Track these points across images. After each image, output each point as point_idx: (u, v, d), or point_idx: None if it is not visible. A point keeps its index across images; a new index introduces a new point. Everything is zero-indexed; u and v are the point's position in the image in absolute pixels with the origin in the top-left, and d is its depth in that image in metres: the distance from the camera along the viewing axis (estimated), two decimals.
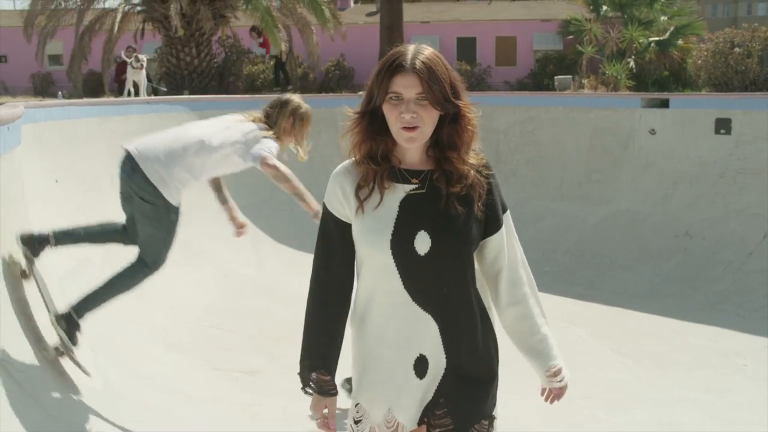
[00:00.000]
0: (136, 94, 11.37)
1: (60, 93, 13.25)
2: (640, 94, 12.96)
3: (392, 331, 2.12)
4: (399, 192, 2.11)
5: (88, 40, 14.86)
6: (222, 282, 9.14)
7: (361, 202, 2.11)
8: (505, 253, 2.19)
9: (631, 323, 7.83)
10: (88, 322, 4.63)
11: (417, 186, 2.10)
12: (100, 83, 22.22)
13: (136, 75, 11.66)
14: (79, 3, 14.85)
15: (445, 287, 2.09)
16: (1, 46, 26.17)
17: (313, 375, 2.19)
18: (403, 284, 2.07)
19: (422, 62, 2.01)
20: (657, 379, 6.25)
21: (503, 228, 2.18)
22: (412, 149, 2.11)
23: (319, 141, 11.94)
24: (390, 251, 2.05)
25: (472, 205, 2.09)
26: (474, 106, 2.13)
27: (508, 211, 2.23)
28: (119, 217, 4.78)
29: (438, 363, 2.13)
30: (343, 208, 2.16)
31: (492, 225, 2.16)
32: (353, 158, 2.17)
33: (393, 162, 2.13)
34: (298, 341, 6.67)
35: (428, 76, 2.00)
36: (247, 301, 8.69)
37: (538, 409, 1.60)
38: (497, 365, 2.25)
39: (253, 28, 16.03)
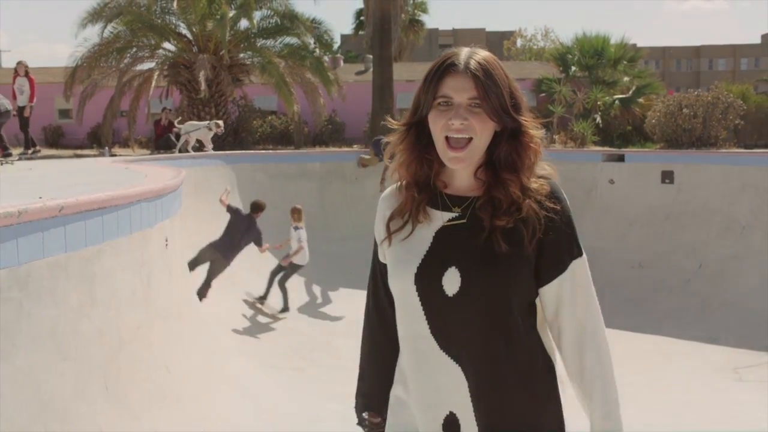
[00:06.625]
0: (177, 148, 13.25)
1: (106, 148, 15.13)
2: (601, 150, 15.17)
3: (418, 383, 1.78)
4: (437, 221, 1.77)
5: (118, 100, 16.81)
6: (256, 306, 10.92)
7: (389, 234, 1.81)
8: (566, 309, 1.73)
9: None
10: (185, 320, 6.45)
11: (458, 215, 1.75)
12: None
13: (205, 134, 13.39)
14: (119, 65, 16.87)
15: (477, 336, 1.70)
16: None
17: (365, 415, 2.04)
18: (430, 328, 1.73)
19: (478, 63, 1.68)
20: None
21: (564, 275, 1.72)
22: (459, 170, 1.75)
23: (330, 190, 14.02)
24: (414, 287, 1.72)
25: (521, 243, 1.68)
26: (537, 122, 1.77)
27: (582, 258, 1.76)
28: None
29: (471, 426, 1.75)
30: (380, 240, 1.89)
31: (548, 271, 1.73)
32: (400, 182, 1.84)
33: (438, 186, 1.79)
34: (326, 349, 9.00)
35: (484, 78, 1.66)
36: (278, 321, 10.42)
37: None
38: None
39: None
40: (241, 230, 10.16)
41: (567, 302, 1.73)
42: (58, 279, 2.96)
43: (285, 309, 10.45)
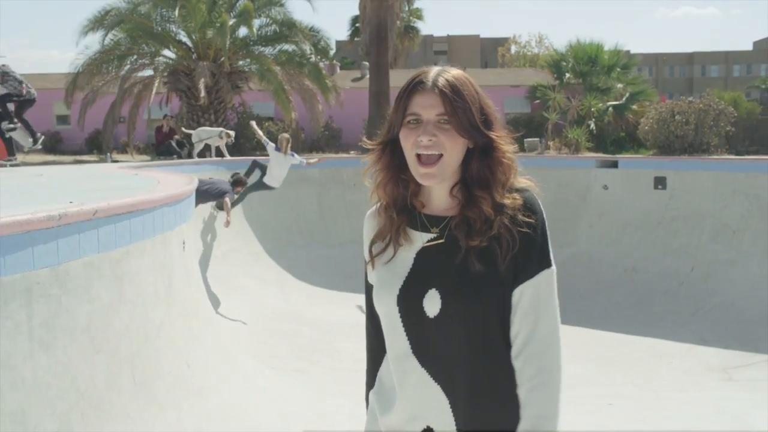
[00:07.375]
0: (189, 155, 13.56)
1: (108, 155, 15.36)
2: (595, 156, 15.46)
3: (401, 398, 1.80)
4: (417, 242, 1.79)
5: (119, 107, 17.03)
6: (258, 310, 11.12)
7: (372, 257, 1.85)
8: (519, 316, 1.71)
9: (590, 337, 9.94)
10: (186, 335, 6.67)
11: (436, 236, 1.76)
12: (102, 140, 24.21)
13: (221, 142, 13.84)
14: (119, 72, 17.11)
15: (458, 356, 1.72)
16: None
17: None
18: (411, 348, 1.76)
19: (446, 80, 1.69)
20: (606, 372, 8.37)
21: (527, 284, 1.71)
22: (435, 189, 1.77)
23: (329, 196, 14.26)
24: (397, 308, 1.75)
25: (496, 262, 1.69)
26: (509, 138, 1.76)
27: (550, 270, 1.74)
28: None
29: None
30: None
31: (515, 279, 1.71)
32: (379, 202, 1.87)
33: (416, 206, 1.81)
34: (327, 352, 9.21)
35: (452, 94, 1.67)
36: (280, 324, 10.63)
37: None
38: None
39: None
40: (216, 183, 10.86)
41: (521, 310, 1.71)
42: (92, 278, 3.20)
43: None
